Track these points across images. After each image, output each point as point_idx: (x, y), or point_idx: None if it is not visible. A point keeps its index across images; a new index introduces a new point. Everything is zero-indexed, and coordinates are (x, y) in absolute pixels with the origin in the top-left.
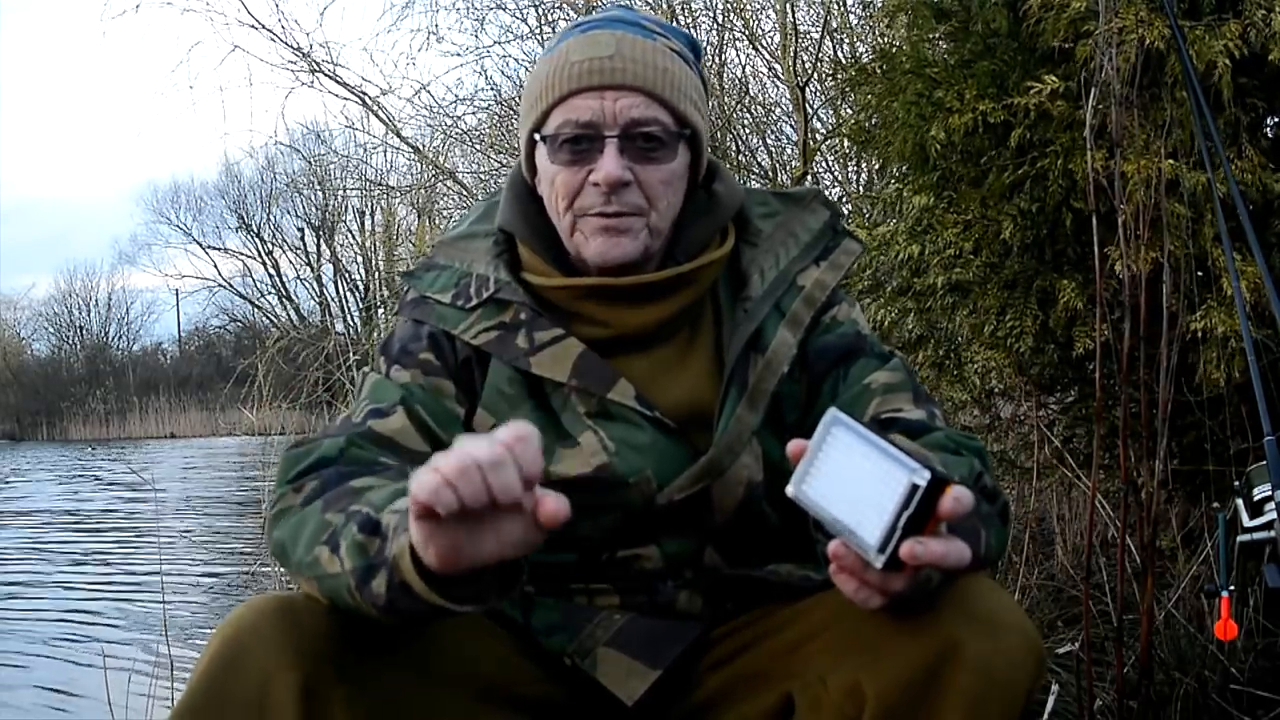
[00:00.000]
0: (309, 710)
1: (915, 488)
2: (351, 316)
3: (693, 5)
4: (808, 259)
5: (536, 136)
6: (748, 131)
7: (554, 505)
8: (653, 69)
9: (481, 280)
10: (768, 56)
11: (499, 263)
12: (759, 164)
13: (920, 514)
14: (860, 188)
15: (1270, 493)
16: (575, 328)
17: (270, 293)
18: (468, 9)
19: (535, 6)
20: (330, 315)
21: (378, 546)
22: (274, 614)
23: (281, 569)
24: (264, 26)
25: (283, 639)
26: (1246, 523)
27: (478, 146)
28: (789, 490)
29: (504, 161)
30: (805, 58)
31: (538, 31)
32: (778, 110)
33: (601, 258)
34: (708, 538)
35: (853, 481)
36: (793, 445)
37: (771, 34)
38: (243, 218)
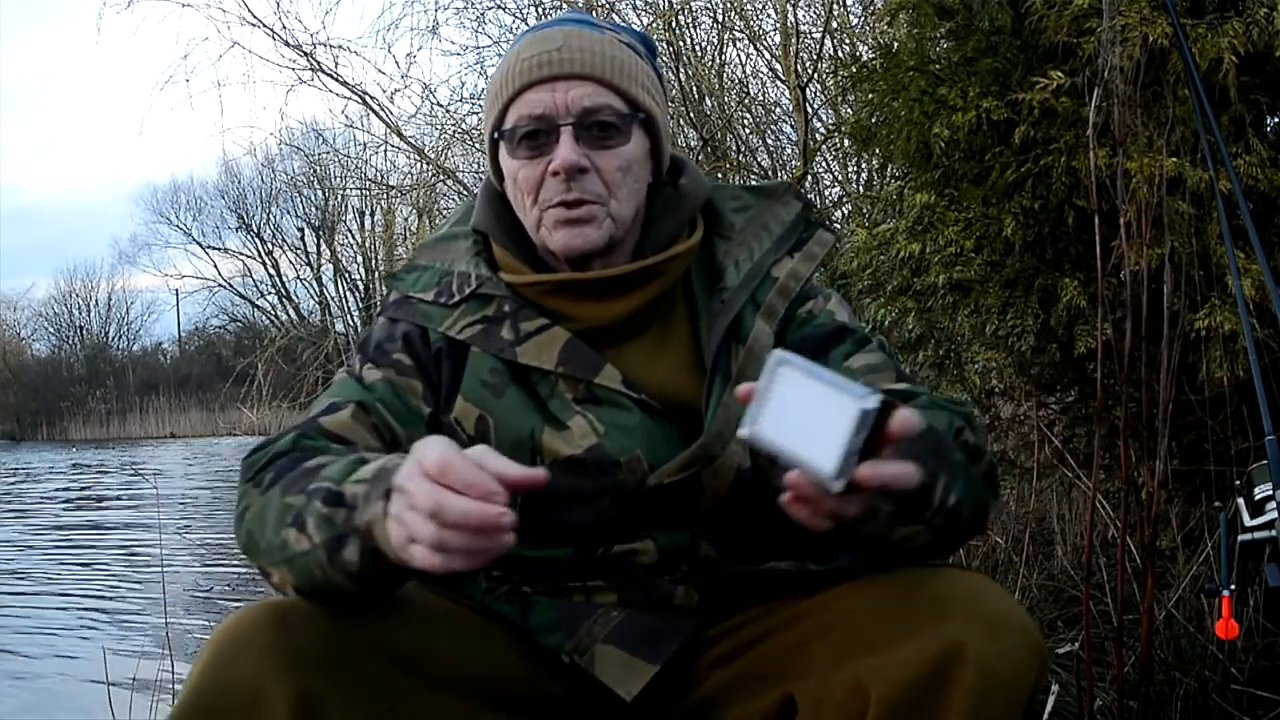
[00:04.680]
0: (301, 718)
1: (865, 413)
2: (351, 316)
3: (693, 5)
4: (781, 250)
5: (496, 135)
6: (748, 131)
7: (536, 476)
8: (600, 57)
9: (463, 277)
10: (768, 56)
11: (479, 260)
12: (759, 164)
13: (872, 439)
14: (860, 187)
15: (1271, 492)
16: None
17: (270, 293)
18: (467, 5)
19: (535, 6)
20: (330, 315)
21: (344, 516)
22: (266, 621)
23: (256, 567)
24: (264, 24)
25: (275, 646)
26: (1247, 522)
27: (478, 146)
28: (741, 432)
29: None
30: (805, 57)
31: None
32: (778, 110)
33: (566, 248)
34: (701, 529)
35: (805, 414)
36: (741, 389)
37: (772, 34)
38: (243, 218)
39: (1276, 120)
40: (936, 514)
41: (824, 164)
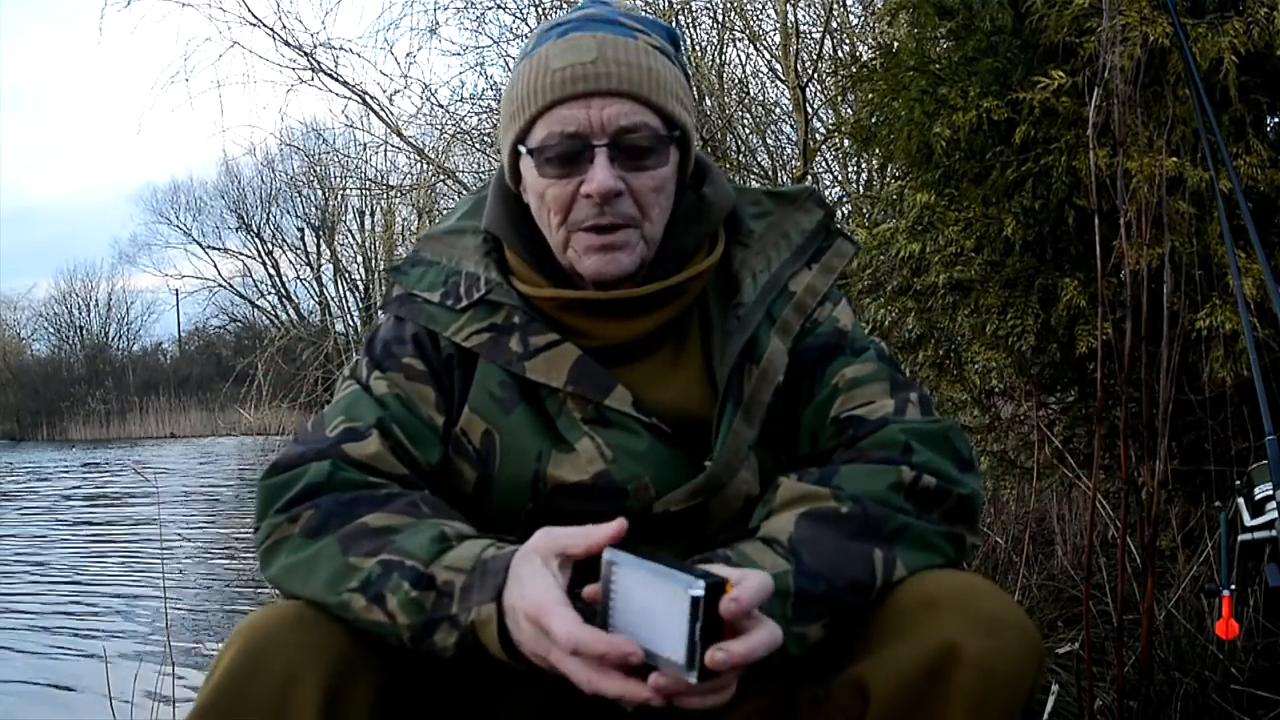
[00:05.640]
0: (330, 714)
1: (696, 600)
2: (351, 316)
3: (693, 5)
4: (799, 261)
5: (521, 149)
6: (748, 131)
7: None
8: (638, 70)
9: (471, 279)
10: (768, 56)
11: (488, 262)
12: (759, 164)
13: (713, 620)
14: (860, 187)
15: (1271, 492)
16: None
17: (270, 293)
18: (467, 5)
19: (535, 6)
20: (330, 315)
21: (434, 600)
22: (294, 618)
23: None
24: (264, 24)
25: (304, 643)
26: (1247, 522)
27: (478, 146)
28: None
29: None
30: (806, 57)
31: None
32: (778, 110)
33: (598, 274)
34: (705, 547)
35: (646, 608)
36: (587, 590)
37: (772, 34)
38: (242, 218)
39: (1276, 120)
40: (885, 589)
41: (824, 164)
